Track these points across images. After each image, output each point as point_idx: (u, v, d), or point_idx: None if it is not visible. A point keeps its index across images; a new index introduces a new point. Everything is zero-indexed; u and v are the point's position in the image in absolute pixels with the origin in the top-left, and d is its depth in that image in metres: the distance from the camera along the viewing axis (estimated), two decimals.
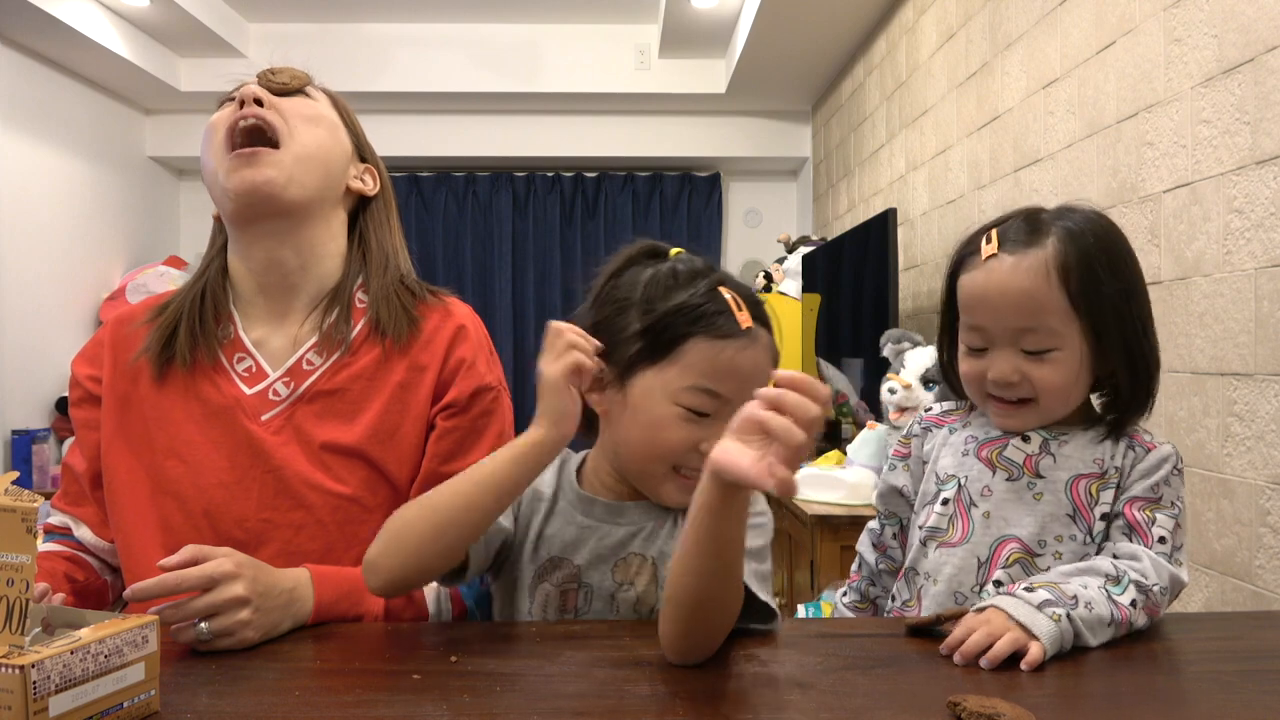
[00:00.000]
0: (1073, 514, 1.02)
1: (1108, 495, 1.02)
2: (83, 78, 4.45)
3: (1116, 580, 0.93)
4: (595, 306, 1.01)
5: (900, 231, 3.17)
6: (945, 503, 1.06)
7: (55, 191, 4.31)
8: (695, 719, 0.70)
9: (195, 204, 5.41)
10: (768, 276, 4.39)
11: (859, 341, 3.24)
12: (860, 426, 2.90)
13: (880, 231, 3.04)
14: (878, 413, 2.81)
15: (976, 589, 1.03)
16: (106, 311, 4.54)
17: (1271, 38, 1.55)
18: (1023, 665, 0.82)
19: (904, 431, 1.18)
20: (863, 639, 0.92)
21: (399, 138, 5.05)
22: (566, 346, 0.90)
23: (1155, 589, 0.94)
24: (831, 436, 3.47)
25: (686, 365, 0.93)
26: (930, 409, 1.17)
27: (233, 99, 1.14)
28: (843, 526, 2.35)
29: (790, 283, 4.23)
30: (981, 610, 0.88)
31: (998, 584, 1.01)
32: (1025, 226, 1.03)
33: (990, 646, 0.83)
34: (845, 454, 2.77)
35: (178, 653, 0.86)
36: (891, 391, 2.59)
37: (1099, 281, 0.99)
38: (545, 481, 1.04)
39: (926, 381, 2.47)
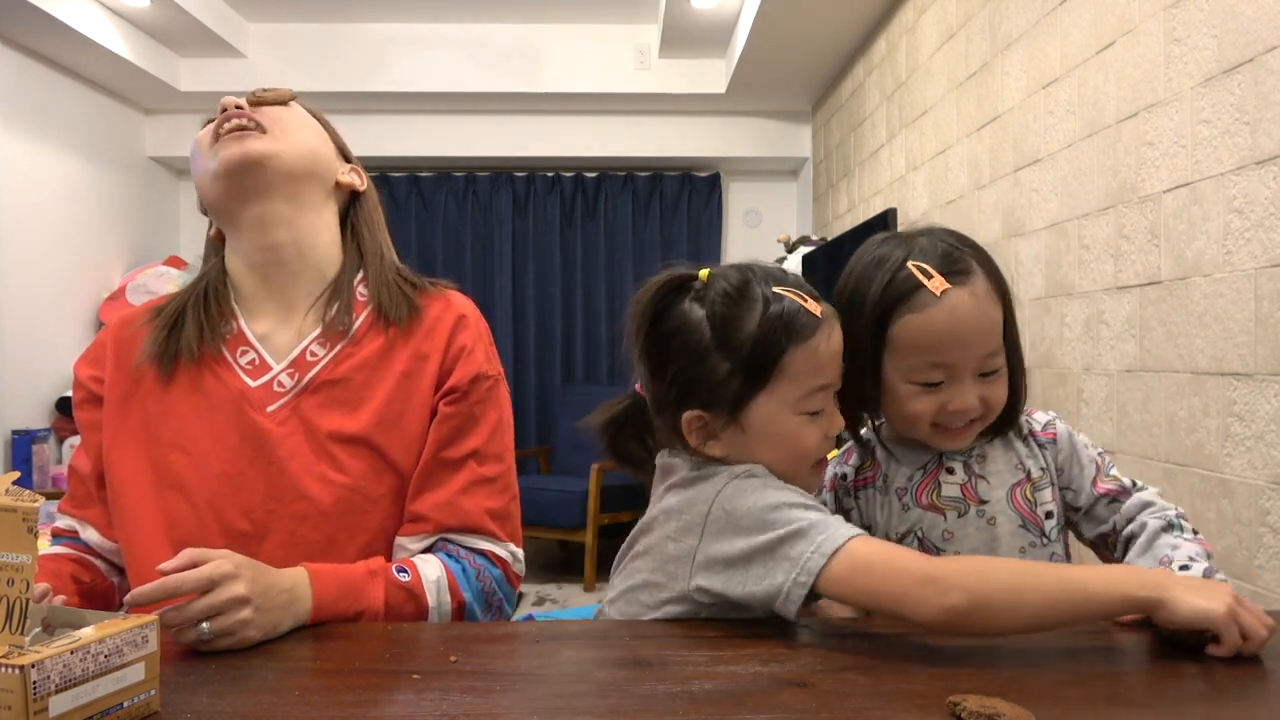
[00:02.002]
0: (1024, 523, 1.05)
1: (1044, 495, 1.07)
2: (83, 78, 4.45)
3: (1172, 526, 1.01)
4: (657, 363, 0.99)
5: None
6: None
7: (55, 191, 4.31)
8: (696, 719, 0.70)
9: (195, 204, 5.39)
10: None
11: None
12: None
13: (880, 231, 3.03)
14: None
15: None
16: (106, 312, 4.54)
17: (1271, 38, 1.55)
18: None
19: (830, 505, 1.12)
20: (863, 639, 0.92)
21: (399, 138, 5.06)
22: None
23: (1178, 509, 1.05)
24: None
25: (793, 377, 0.95)
26: (845, 474, 1.13)
27: (214, 119, 1.17)
28: None
29: None
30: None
31: None
32: (941, 259, 1.01)
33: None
34: None
35: (178, 653, 0.86)
36: None
37: (1007, 293, 1.04)
38: None
39: None
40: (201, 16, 4.18)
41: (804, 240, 4.48)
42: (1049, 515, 1.06)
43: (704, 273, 0.99)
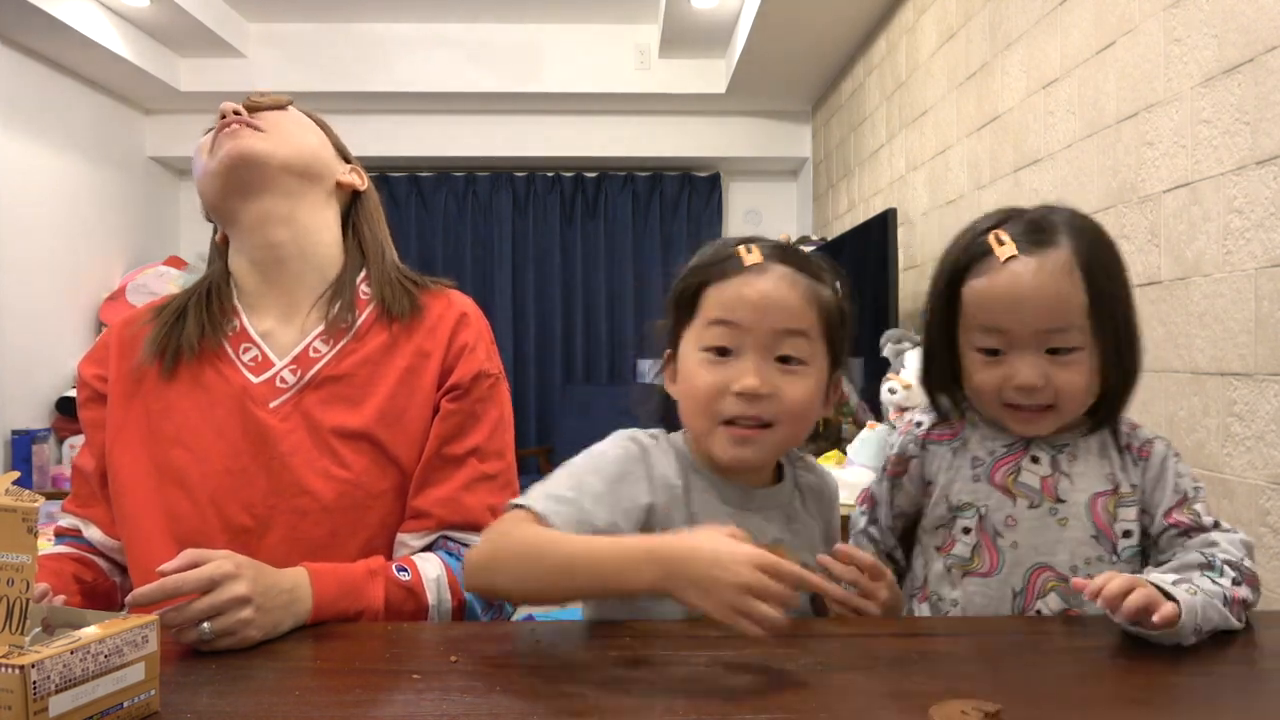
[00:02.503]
0: (1096, 535, 1.02)
1: (1127, 513, 1.02)
2: (83, 78, 4.45)
3: (1210, 565, 0.95)
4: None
5: (900, 231, 3.17)
6: (967, 531, 1.04)
7: (55, 191, 4.31)
8: (696, 719, 0.71)
9: (195, 204, 5.37)
10: None
11: (859, 341, 3.23)
12: (860, 427, 2.90)
13: (880, 231, 3.04)
14: (878, 413, 2.81)
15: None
16: (106, 312, 4.54)
17: (1271, 38, 1.55)
18: (1155, 619, 0.83)
19: (896, 448, 1.12)
20: (863, 639, 0.92)
21: (399, 138, 5.05)
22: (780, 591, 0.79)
23: (1244, 562, 0.96)
24: (832, 437, 3.47)
25: (703, 313, 0.98)
26: (920, 423, 1.11)
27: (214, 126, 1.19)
28: (842, 526, 2.35)
29: None
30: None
31: (1038, 614, 1.01)
32: (1029, 227, 0.99)
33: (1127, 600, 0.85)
34: (845, 454, 2.77)
35: (178, 652, 0.86)
36: (892, 391, 2.59)
37: (1109, 279, 0.99)
38: (670, 470, 1.00)
39: None
40: (201, 16, 4.17)
41: (804, 240, 4.48)
42: (1127, 534, 1.02)
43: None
